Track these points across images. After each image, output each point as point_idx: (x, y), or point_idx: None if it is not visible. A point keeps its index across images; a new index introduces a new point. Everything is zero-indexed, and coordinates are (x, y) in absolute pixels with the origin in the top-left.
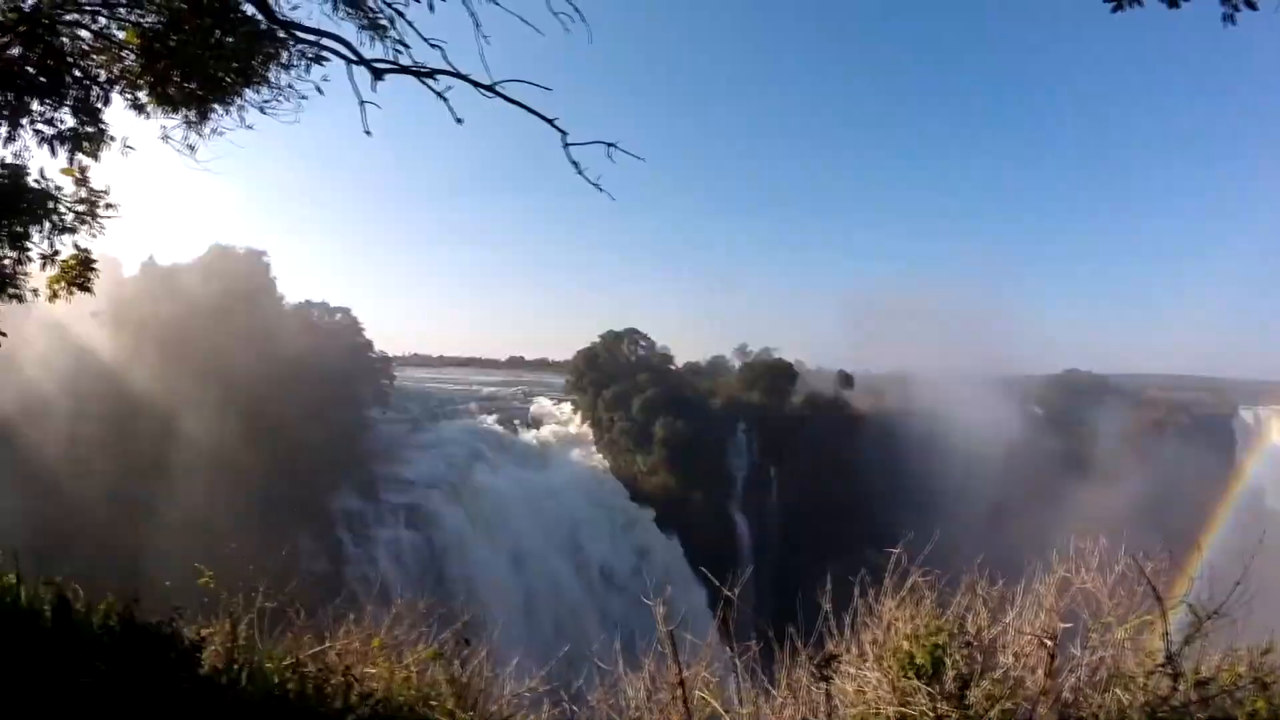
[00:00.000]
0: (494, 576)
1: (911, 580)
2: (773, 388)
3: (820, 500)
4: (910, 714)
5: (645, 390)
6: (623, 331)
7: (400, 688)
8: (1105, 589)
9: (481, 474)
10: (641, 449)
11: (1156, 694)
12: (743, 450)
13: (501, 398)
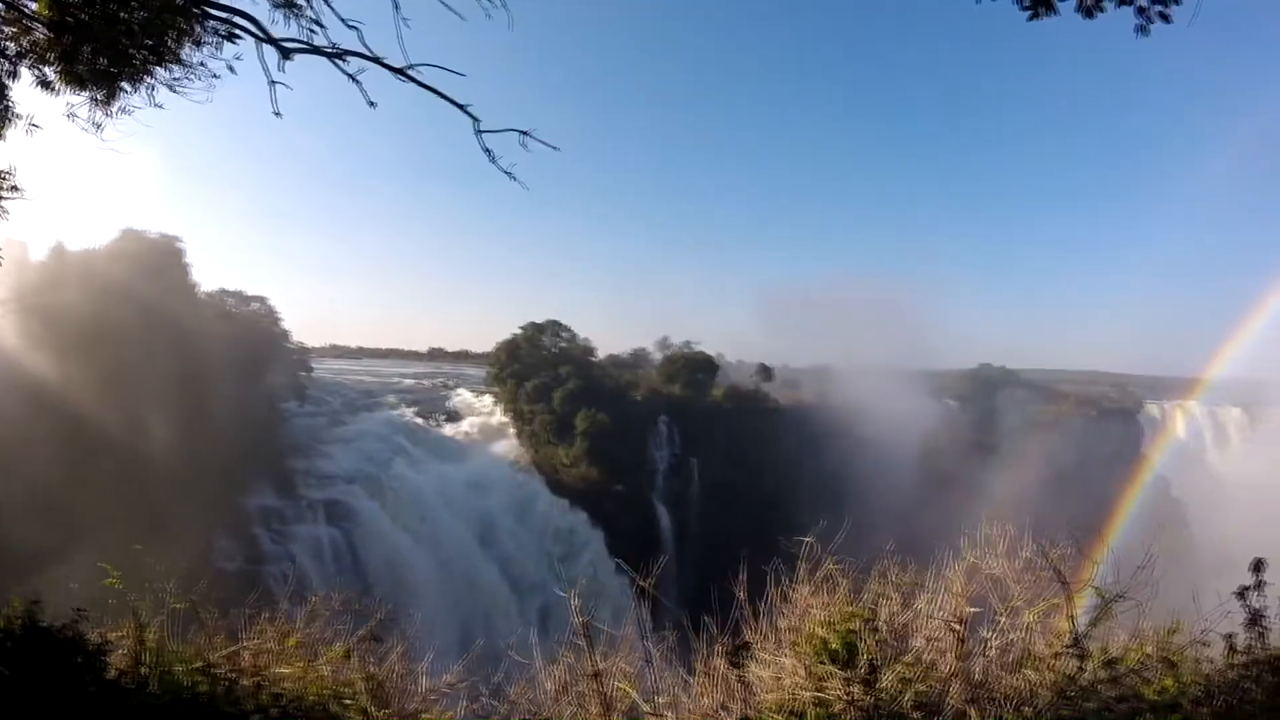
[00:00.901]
0: (415, 572)
1: (825, 568)
2: (693, 380)
3: (740, 491)
4: (826, 699)
5: (567, 382)
6: (544, 323)
7: (314, 687)
8: (1013, 574)
9: (401, 468)
10: (563, 441)
11: (1065, 674)
12: (664, 442)
13: (422, 390)
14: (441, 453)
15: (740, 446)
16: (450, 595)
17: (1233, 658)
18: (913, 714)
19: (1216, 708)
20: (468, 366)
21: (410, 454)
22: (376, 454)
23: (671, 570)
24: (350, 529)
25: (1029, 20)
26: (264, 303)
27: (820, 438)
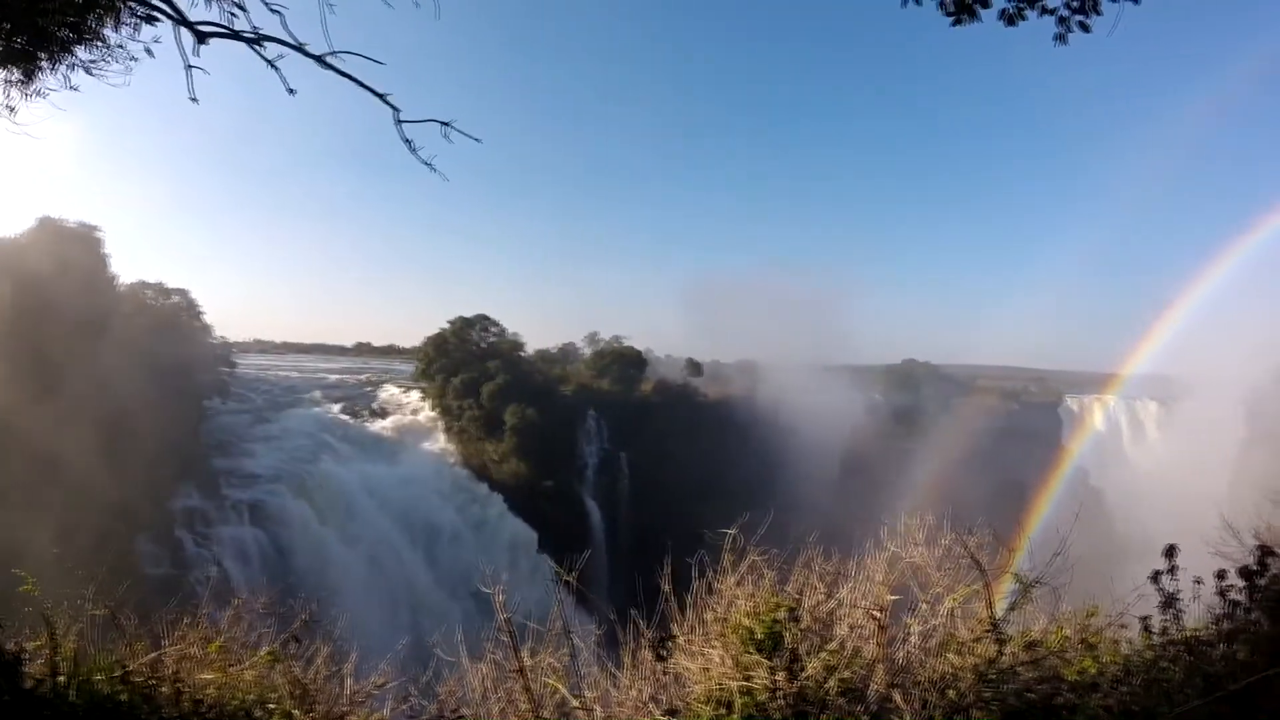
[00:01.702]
0: (343, 571)
1: (750, 559)
2: (623, 375)
3: (670, 484)
4: (752, 688)
5: (495, 377)
6: (473, 318)
7: (237, 692)
8: (933, 562)
9: (328, 466)
10: (492, 437)
11: (985, 657)
12: (593, 437)
13: (348, 386)
14: (369, 450)
15: (669, 441)
16: (379, 594)
17: (1149, 639)
18: (838, 700)
19: (1135, 687)
20: (395, 362)
21: (337, 451)
22: (302, 452)
23: (603, 565)
24: (276, 530)
25: (952, 25)
26: (185, 296)
27: (748, 431)
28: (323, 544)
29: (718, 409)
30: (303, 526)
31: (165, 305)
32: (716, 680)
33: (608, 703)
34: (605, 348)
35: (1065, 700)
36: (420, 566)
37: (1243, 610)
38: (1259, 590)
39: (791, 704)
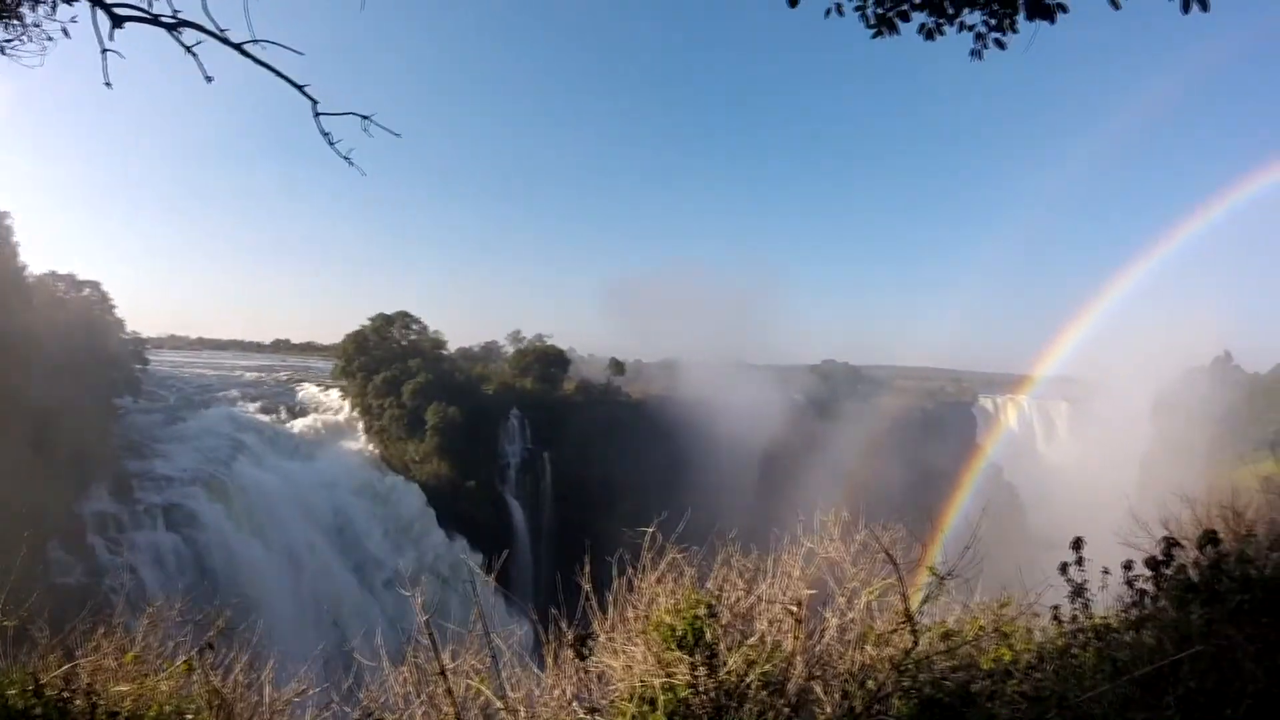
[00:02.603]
0: (263, 577)
1: (670, 557)
2: (545, 374)
3: (593, 483)
4: (675, 684)
5: (417, 376)
6: (394, 315)
7: (153, 704)
8: (848, 557)
9: (245, 467)
10: (413, 436)
11: (901, 649)
12: (516, 436)
13: (265, 384)
14: (287, 450)
15: (592, 440)
16: (299, 598)
17: (1061, 627)
18: (759, 694)
19: (1048, 673)
20: (314, 359)
21: (254, 452)
22: (218, 453)
23: (527, 564)
24: (192, 534)
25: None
26: (96, 288)
27: (670, 430)
28: (240, 548)
29: (640, 408)
30: (219, 530)
31: (76, 298)
32: (640, 677)
33: (532, 703)
34: (528, 346)
35: (981, 687)
36: (341, 569)
37: (1150, 599)
38: (1165, 580)
39: (713, 699)
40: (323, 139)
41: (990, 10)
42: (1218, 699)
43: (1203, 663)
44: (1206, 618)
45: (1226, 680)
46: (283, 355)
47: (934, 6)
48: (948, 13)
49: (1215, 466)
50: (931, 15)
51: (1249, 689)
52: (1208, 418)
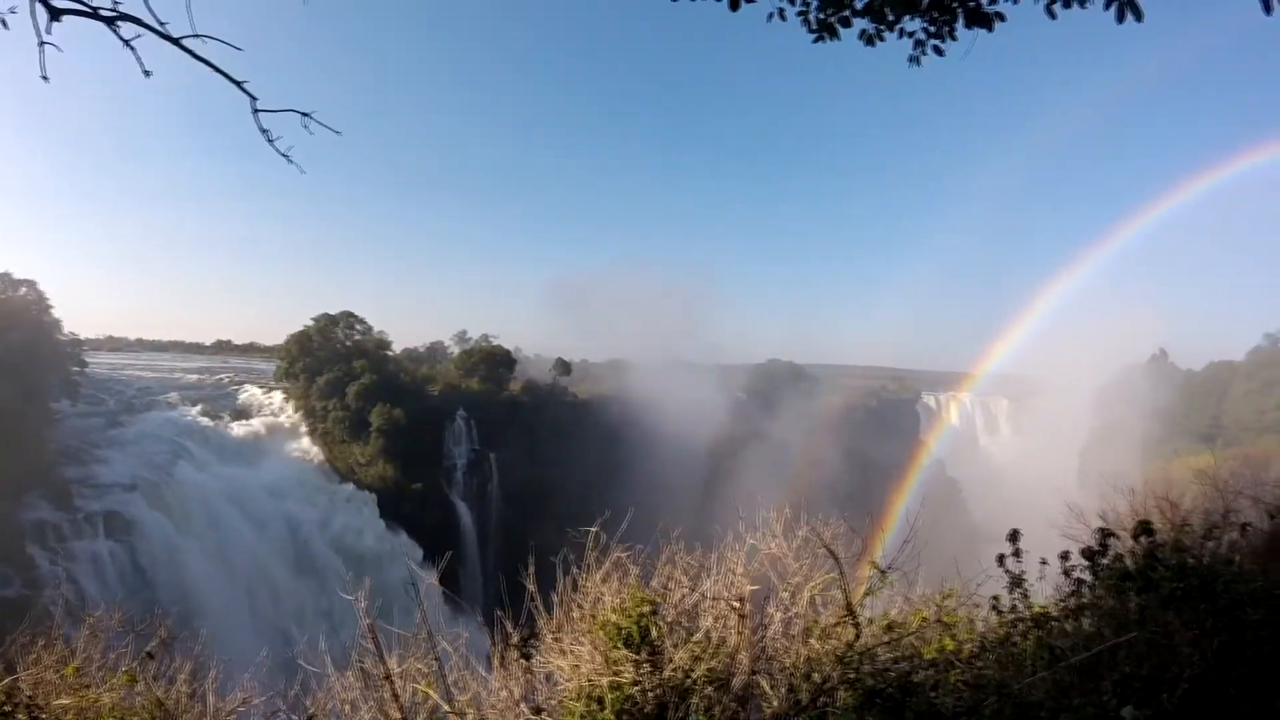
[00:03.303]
0: (206, 584)
1: (616, 557)
2: (491, 374)
3: (540, 484)
4: (621, 682)
5: (361, 377)
6: (338, 315)
7: (96, 716)
8: (791, 553)
9: (186, 472)
10: (358, 439)
11: (844, 641)
12: (462, 437)
13: (207, 386)
14: (229, 454)
15: (539, 440)
16: (244, 606)
17: (1003, 617)
18: (705, 689)
19: (989, 661)
20: (256, 360)
21: (195, 457)
22: (159, 458)
23: (475, 567)
24: (133, 542)
25: (814, 42)
26: (33, 288)
27: (617, 430)
28: (182, 555)
29: (587, 408)
30: (161, 538)
31: (11, 298)
32: (587, 677)
33: (479, 705)
34: (474, 347)
35: (925, 677)
36: (285, 575)
37: (1088, 588)
38: (1102, 569)
39: (660, 696)
40: (261, 136)
41: (930, 18)
42: (1154, 683)
43: (1139, 648)
44: (1142, 605)
45: (1163, 665)
46: (224, 357)
47: (875, 13)
48: (888, 19)
49: (1152, 460)
50: (872, 21)
51: (1185, 673)
52: (1144, 413)
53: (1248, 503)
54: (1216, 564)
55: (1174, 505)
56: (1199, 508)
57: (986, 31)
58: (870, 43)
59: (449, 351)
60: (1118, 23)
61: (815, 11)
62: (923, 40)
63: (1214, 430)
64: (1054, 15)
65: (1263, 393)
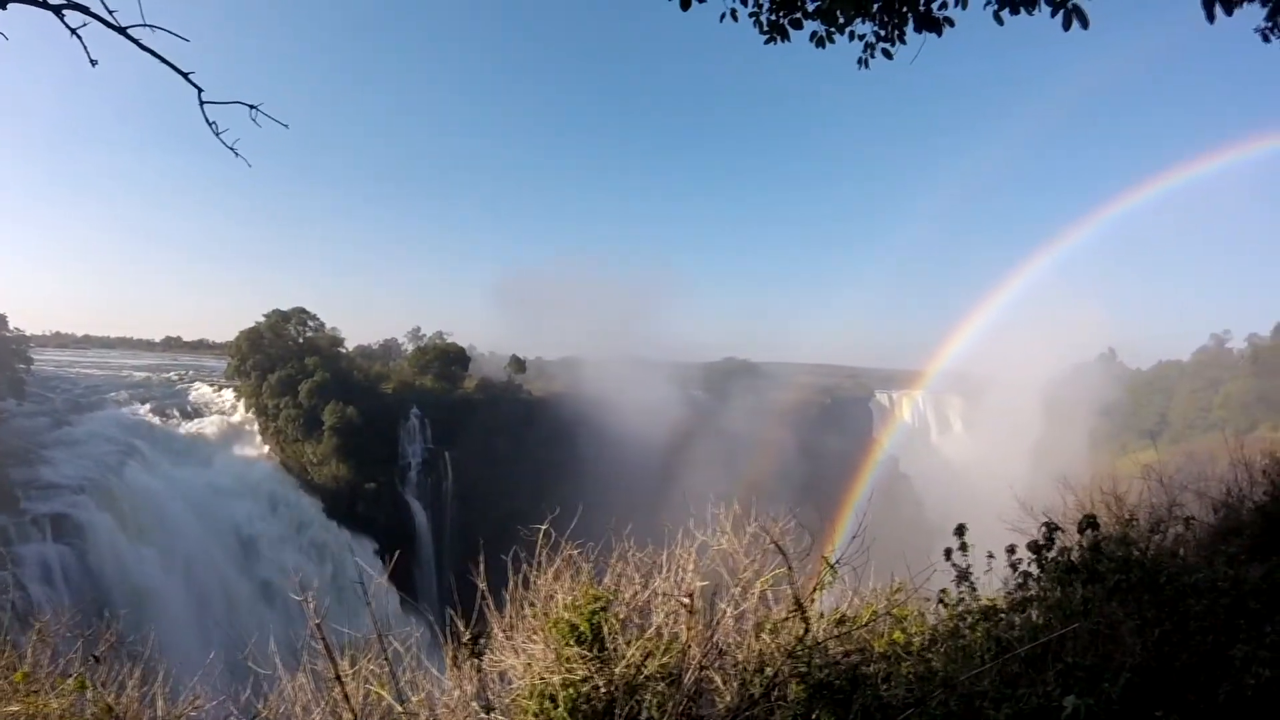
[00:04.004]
0: (157, 588)
1: (567, 553)
2: (445, 372)
3: (495, 482)
4: (574, 679)
5: (314, 375)
6: (290, 311)
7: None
8: (741, 549)
9: (136, 473)
10: (310, 438)
11: (795, 635)
12: (416, 436)
13: (156, 384)
14: (180, 454)
15: (494, 438)
16: (196, 609)
17: (954, 610)
18: (658, 685)
19: (939, 653)
20: (207, 358)
21: (145, 457)
22: (107, 458)
23: (430, 566)
24: (81, 545)
25: (766, 43)
26: None
27: (572, 428)
28: (132, 559)
29: (541, 406)
30: (110, 541)
31: None
32: (539, 675)
33: (433, 705)
34: (428, 344)
35: (875, 669)
36: (238, 577)
37: (1035, 580)
38: (1047, 562)
39: (613, 692)
40: (209, 128)
41: (880, 21)
42: (1097, 673)
43: (1083, 639)
44: (1086, 597)
45: (1107, 655)
46: (174, 354)
47: (826, 15)
48: (839, 22)
49: (1100, 456)
50: (823, 24)
51: (1128, 663)
52: (1094, 410)
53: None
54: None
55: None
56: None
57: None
58: (821, 45)
59: (403, 349)
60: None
61: (766, 13)
62: (872, 43)
63: (1161, 427)
64: (1001, 21)
65: (1208, 391)
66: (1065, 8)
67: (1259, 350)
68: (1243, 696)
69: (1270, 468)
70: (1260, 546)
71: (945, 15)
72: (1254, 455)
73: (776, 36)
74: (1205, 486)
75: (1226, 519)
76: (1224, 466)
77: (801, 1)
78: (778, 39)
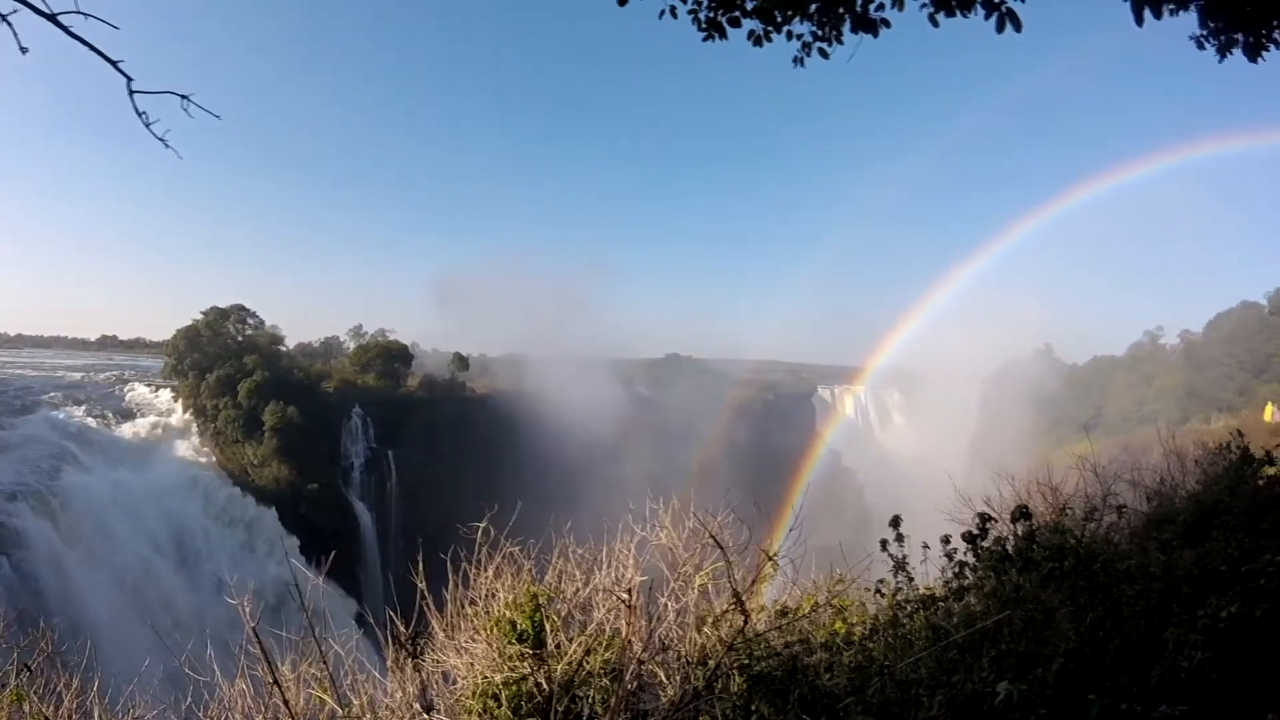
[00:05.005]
0: (96, 596)
1: (507, 551)
2: (388, 370)
3: (439, 482)
4: (517, 677)
5: (253, 374)
6: (228, 308)
7: None
8: (681, 544)
9: (72, 478)
10: (251, 439)
11: (735, 628)
12: (359, 435)
13: (92, 385)
14: (117, 458)
15: (437, 437)
16: (136, 616)
17: (894, 599)
18: (601, 680)
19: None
20: (143, 357)
21: (81, 461)
22: (42, 463)
23: (375, 567)
24: (16, 554)
25: (704, 40)
26: None
27: (516, 426)
28: (70, 566)
29: (485, 404)
30: (47, 547)
31: None
32: (482, 674)
33: (375, 707)
34: (369, 342)
35: (817, 659)
36: (179, 583)
37: (970, 569)
38: (982, 551)
39: (556, 689)
40: (138, 118)
41: (817, 21)
42: (1031, 658)
43: (1018, 626)
44: (1019, 584)
45: (1042, 640)
46: (110, 353)
47: (764, 15)
48: (776, 21)
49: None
50: (761, 23)
51: (1061, 648)
52: (1031, 404)
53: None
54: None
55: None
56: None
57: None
58: (759, 44)
59: (345, 347)
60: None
61: (705, 10)
62: (810, 43)
63: (1096, 420)
64: (936, 23)
65: (1142, 385)
66: (999, 11)
67: (1191, 346)
68: (1176, 679)
69: (1202, 458)
70: (1192, 533)
71: (882, 17)
72: (1186, 446)
73: (714, 34)
74: (1139, 476)
75: (1159, 507)
76: (1157, 457)
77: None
78: (715, 37)
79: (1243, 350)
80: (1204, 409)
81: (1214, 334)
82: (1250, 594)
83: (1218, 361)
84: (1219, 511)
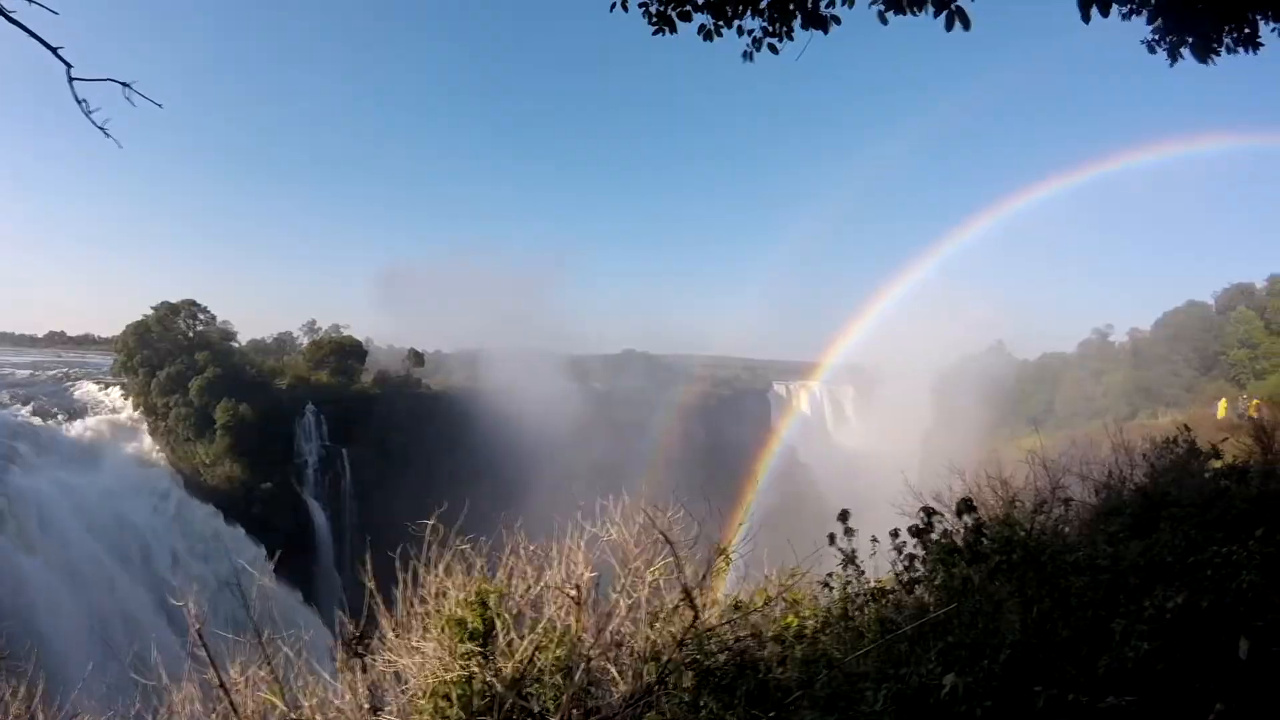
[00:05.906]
0: (45, 599)
1: (457, 549)
2: (342, 366)
3: (395, 479)
4: (468, 677)
5: (205, 371)
6: (179, 303)
7: None
8: (631, 539)
9: (18, 479)
10: (202, 437)
11: (685, 623)
12: (313, 433)
13: (38, 383)
14: (65, 458)
15: (393, 434)
16: (85, 620)
17: (846, 593)
18: (554, 677)
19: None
20: (92, 354)
21: (27, 461)
22: None
23: (331, 567)
24: None
25: (654, 34)
26: None
27: (472, 422)
28: (17, 569)
29: (440, 400)
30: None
31: None
32: (433, 673)
33: (326, 709)
34: (323, 338)
35: (769, 653)
36: (130, 585)
37: (919, 562)
38: (931, 544)
39: (507, 687)
40: (78, 106)
41: (768, 17)
42: (978, 650)
43: (966, 618)
44: (966, 576)
45: (990, 632)
46: (57, 350)
47: (715, 9)
48: (727, 15)
49: (988, 442)
50: (712, 17)
51: (1009, 639)
52: (982, 400)
53: (1075, 480)
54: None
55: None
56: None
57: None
58: (709, 38)
59: (298, 343)
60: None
61: (655, 4)
62: (760, 38)
63: (1046, 415)
64: (885, 21)
65: (1091, 381)
66: (949, 9)
67: (1139, 343)
68: (1123, 669)
69: (1149, 452)
70: (1139, 525)
71: (832, 14)
72: (1134, 440)
73: (664, 28)
74: (1088, 470)
75: (1108, 500)
76: (1106, 451)
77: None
78: (665, 30)
79: (1189, 348)
80: (1151, 405)
81: (1162, 332)
82: (1197, 585)
83: (1165, 359)
84: (1166, 504)
